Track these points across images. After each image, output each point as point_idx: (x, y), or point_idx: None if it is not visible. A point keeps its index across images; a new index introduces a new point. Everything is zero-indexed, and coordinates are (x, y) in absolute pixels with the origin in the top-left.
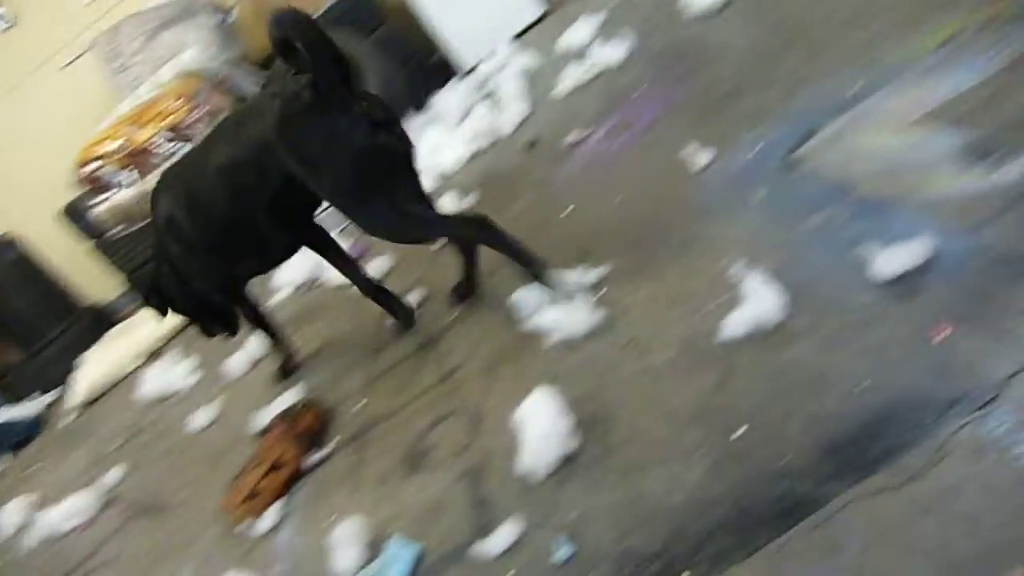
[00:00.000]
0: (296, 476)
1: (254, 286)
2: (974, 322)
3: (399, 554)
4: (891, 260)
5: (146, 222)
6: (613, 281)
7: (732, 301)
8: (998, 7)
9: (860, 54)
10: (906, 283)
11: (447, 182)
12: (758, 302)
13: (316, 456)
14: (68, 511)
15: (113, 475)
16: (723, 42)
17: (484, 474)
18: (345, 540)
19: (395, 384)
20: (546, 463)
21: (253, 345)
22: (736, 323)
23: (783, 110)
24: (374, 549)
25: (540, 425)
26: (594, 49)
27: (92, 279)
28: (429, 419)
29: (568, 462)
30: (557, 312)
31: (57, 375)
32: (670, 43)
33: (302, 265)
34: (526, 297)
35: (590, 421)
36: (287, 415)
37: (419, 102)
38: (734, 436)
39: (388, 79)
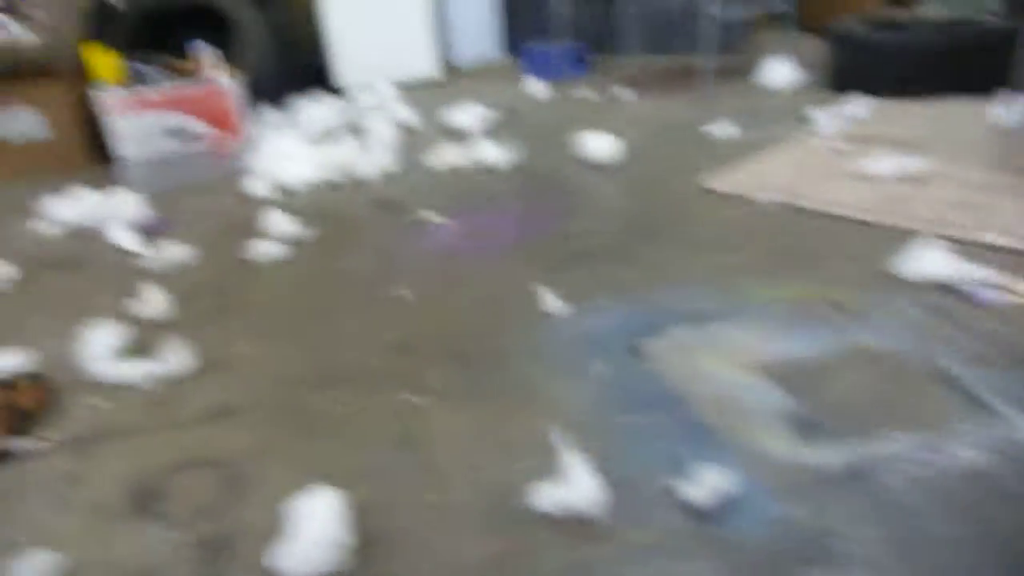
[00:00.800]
0: None
1: None
2: None
3: None
4: (704, 492)
5: None
6: (433, 393)
7: (546, 469)
8: (844, 295)
9: (722, 277)
10: (719, 522)
11: (285, 199)
12: (574, 485)
13: (26, 445)
14: None
15: None
16: (604, 200)
17: (228, 552)
18: (24, 570)
19: (152, 397)
20: (307, 572)
21: None
22: (546, 496)
23: (640, 295)
24: None
25: (316, 526)
26: (479, 142)
27: None
28: (178, 459)
29: None
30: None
31: None
32: (554, 177)
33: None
34: None
35: (371, 541)
36: (4, 383)
37: (279, 97)
38: None
39: (263, 55)
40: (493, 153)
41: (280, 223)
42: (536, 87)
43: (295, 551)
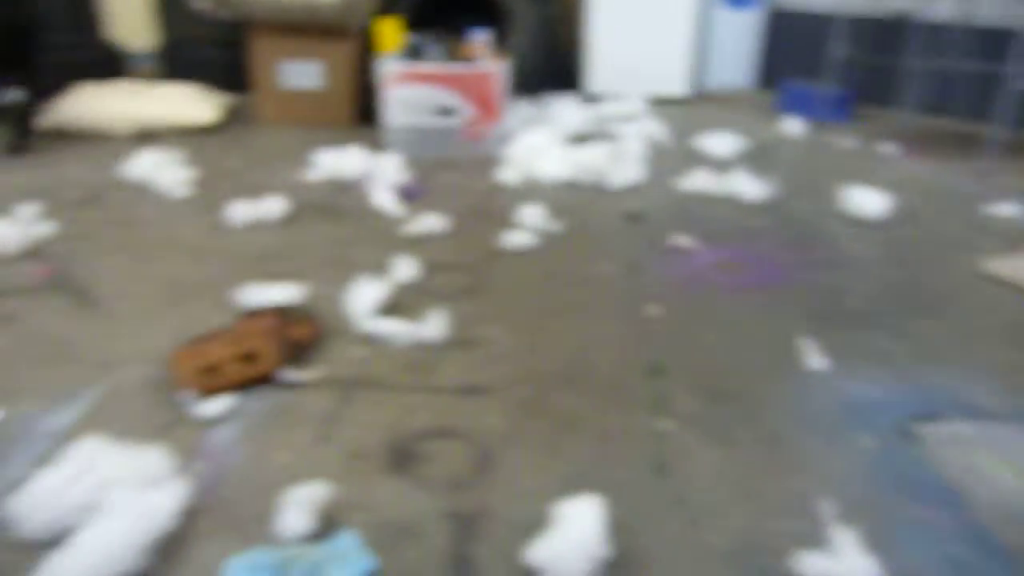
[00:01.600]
0: (263, 381)
1: None
2: None
3: (349, 555)
4: None
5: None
6: (684, 423)
7: (808, 536)
8: None
9: (1006, 374)
10: None
11: (534, 191)
12: (842, 562)
13: (294, 375)
14: None
15: (46, 227)
16: (867, 260)
17: (477, 530)
18: (297, 499)
19: (409, 358)
20: (563, 573)
21: (271, 204)
22: (811, 566)
23: (915, 373)
24: (323, 527)
25: (577, 532)
26: (732, 171)
27: (129, 22)
28: (431, 424)
29: None
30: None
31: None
32: (812, 224)
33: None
34: None
35: (621, 560)
36: (282, 312)
37: (536, 92)
38: None
39: (529, 48)
40: (746, 186)
41: (530, 214)
42: (791, 126)
43: (552, 551)
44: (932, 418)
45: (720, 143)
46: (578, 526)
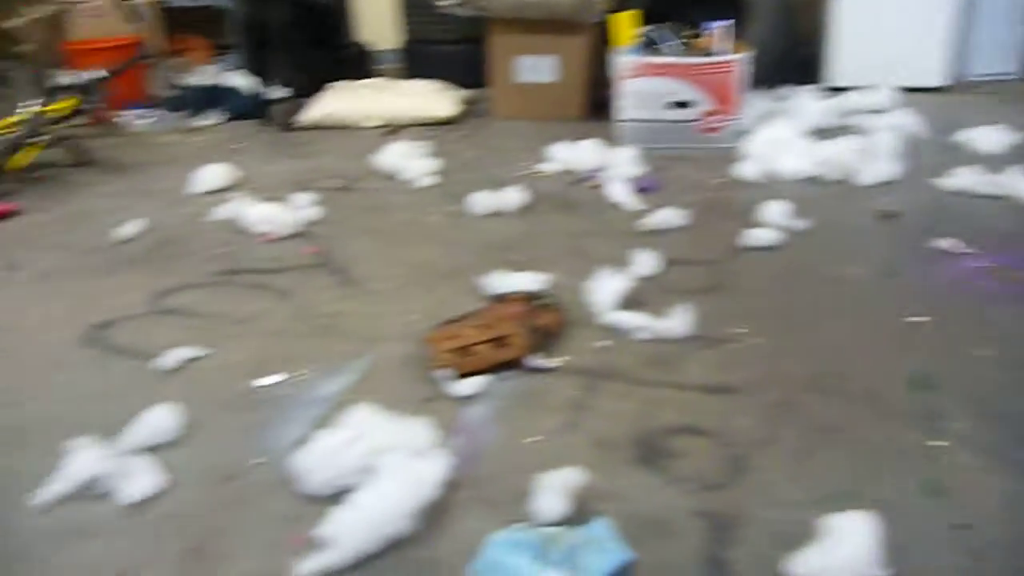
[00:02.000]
0: (513, 365)
1: None
2: None
3: (605, 543)
4: None
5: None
6: (959, 443)
7: None
8: None
9: None
10: None
11: (775, 187)
12: None
13: (541, 361)
14: (264, 214)
15: (313, 212)
16: None
17: (734, 534)
18: (551, 482)
19: (653, 353)
20: None
21: (509, 195)
22: None
23: None
24: (576, 512)
25: (848, 549)
26: (1006, 167)
27: (377, 24)
28: (678, 421)
29: None
30: None
31: (306, 84)
32: None
33: None
34: None
35: None
36: (529, 299)
37: (774, 85)
38: None
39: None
40: (1023, 185)
41: (773, 211)
42: None
43: (820, 564)
44: None
45: (988, 137)
46: (850, 542)
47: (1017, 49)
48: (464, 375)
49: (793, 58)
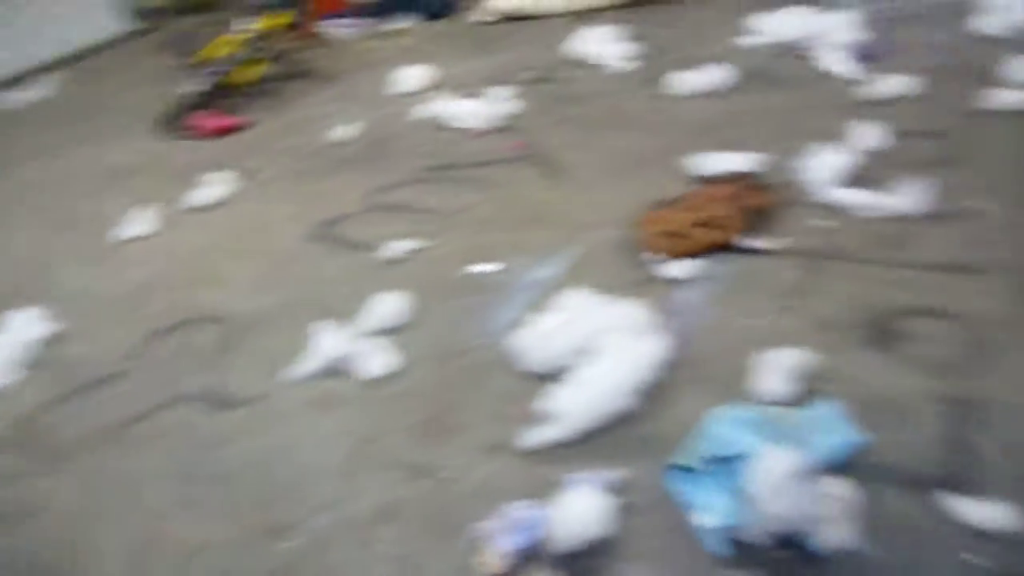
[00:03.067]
0: (725, 247)
1: None
2: None
3: (834, 424)
4: None
5: None
6: None
7: None
8: None
9: None
10: None
11: (1020, 39)
12: None
13: (756, 243)
14: (462, 110)
15: (513, 105)
16: None
17: (976, 418)
18: (772, 362)
19: (881, 231)
20: None
21: (711, 74)
22: None
23: None
24: (801, 393)
25: None
26: None
27: None
28: (913, 302)
29: None
30: None
31: None
32: None
33: None
34: None
35: None
36: (740, 179)
37: None
38: None
39: None
40: None
41: (1021, 69)
42: None
43: None
44: None
45: None
46: None
47: None
48: (675, 257)
49: None
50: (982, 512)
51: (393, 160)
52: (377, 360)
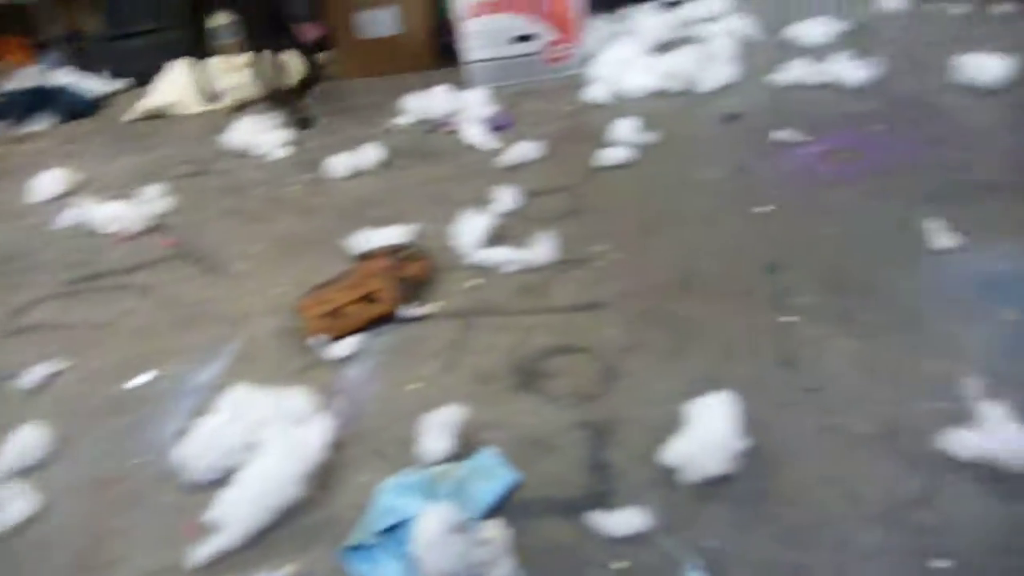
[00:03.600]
0: (386, 319)
1: None
2: None
3: (493, 470)
4: None
5: None
6: (809, 316)
7: (955, 414)
8: None
9: None
10: None
11: (625, 106)
12: (999, 436)
13: (414, 311)
14: (110, 213)
15: (165, 203)
16: (987, 129)
17: (611, 438)
18: (434, 423)
19: (522, 283)
20: (698, 471)
21: (367, 153)
22: (963, 443)
23: None
24: (463, 447)
25: (711, 428)
26: (829, 57)
27: None
28: (552, 342)
29: (721, 483)
30: None
31: (136, 68)
32: (922, 100)
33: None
34: None
35: (757, 454)
36: (395, 252)
37: (614, 6)
38: (932, 564)
39: None
40: (848, 70)
41: (624, 129)
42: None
43: (685, 449)
44: None
45: (815, 29)
46: (711, 423)
47: None
48: (338, 337)
49: None
50: (621, 521)
51: (33, 275)
52: (11, 507)
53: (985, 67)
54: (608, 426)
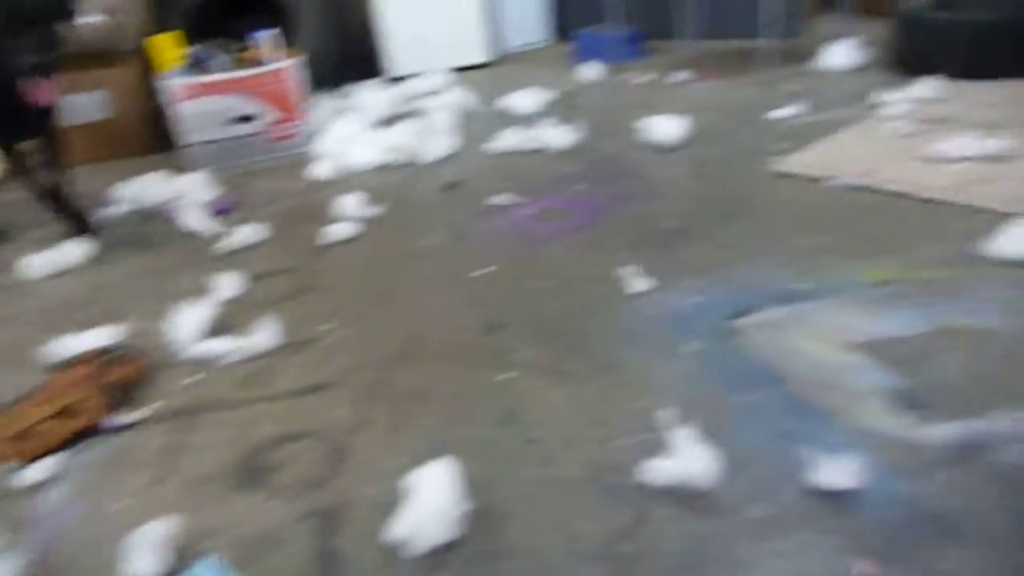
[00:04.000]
0: (90, 432)
1: None
2: (899, 569)
3: None
4: (824, 471)
5: None
6: (526, 370)
7: (654, 446)
8: (934, 273)
9: (806, 258)
10: (836, 500)
11: (349, 181)
12: (688, 459)
13: (123, 418)
14: None
15: None
16: (673, 182)
17: (339, 522)
18: (142, 541)
19: (243, 372)
20: (424, 542)
21: (71, 250)
22: (659, 471)
23: (725, 275)
24: (180, 561)
25: (433, 497)
26: (539, 125)
27: None
28: (278, 431)
29: (448, 550)
30: None
31: None
32: (619, 160)
33: None
34: None
35: (483, 514)
36: (99, 356)
37: (336, 84)
38: None
39: (318, 41)
40: (554, 136)
41: (350, 204)
42: (591, 71)
43: (411, 522)
44: (748, 311)
45: (525, 100)
46: (434, 491)
47: (544, 19)
48: (32, 460)
49: (349, 56)
50: None
51: None
52: None
53: (667, 127)
54: (335, 511)
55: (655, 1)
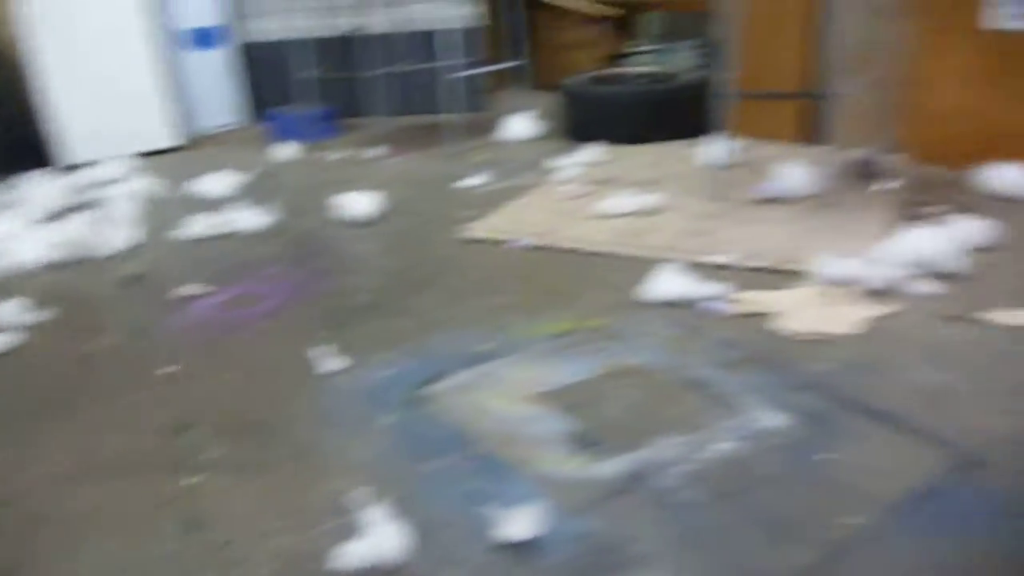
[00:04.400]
0: None
1: None
2: None
3: None
4: (508, 524)
5: None
6: (214, 470)
7: (347, 529)
8: (603, 320)
9: (491, 318)
10: (520, 550)
11: (12, 281)
12: (378, 538)
13: None
14: None
15: None
16: (367, 257)
17: None
18: None
19: None
20: None
21: None
22: (352, 555)
23: (417, 344)
24: None
25: None
26: (230, 208)
27: None
28: None
29: None
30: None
31: None
32: (313, 238)
33: None
34: None
35: None
36: None
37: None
38: None
39: None
40: (247, 219)
41: (8, 310)
42: (286, 151)
43: None
44: (439, 378)
45: (216, 183)
46: None
47: (236, 99)
48: None
49: (16, 145)
50: None
51: None
52: None
53: (359, 203)
54: None
55: (347, 80)
